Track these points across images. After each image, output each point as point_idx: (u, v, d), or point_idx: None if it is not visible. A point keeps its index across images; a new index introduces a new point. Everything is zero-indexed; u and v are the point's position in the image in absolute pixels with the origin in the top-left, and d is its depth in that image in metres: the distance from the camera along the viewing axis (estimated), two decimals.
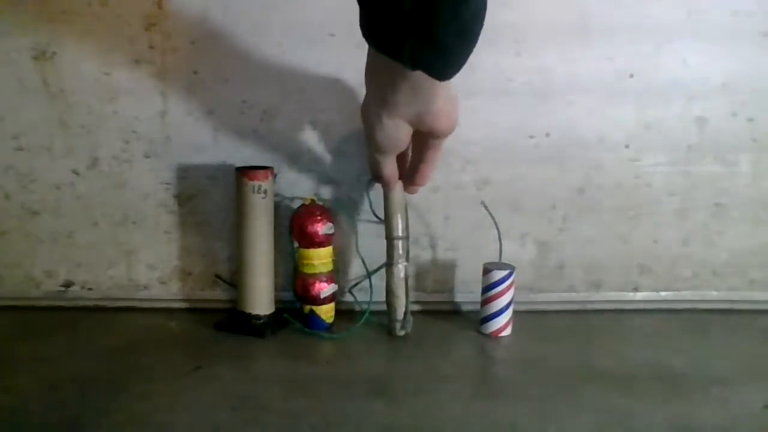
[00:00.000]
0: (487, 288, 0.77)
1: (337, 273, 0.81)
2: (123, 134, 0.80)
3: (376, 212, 0.81)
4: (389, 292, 0.77)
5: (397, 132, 0.66)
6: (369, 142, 0.69)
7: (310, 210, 0.77)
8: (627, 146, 0.82)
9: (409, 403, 0.61)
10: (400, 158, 0.74)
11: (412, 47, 0.53)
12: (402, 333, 0.77)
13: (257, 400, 0.61)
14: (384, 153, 0.70)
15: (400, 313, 0.76)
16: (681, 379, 0.67)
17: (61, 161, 0.81)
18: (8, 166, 0.81)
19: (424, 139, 0.69)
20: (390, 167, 0.72)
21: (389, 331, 0.77)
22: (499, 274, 0.76)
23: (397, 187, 0.76)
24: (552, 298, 0.85)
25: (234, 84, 0.79)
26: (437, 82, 0.57)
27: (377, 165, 0.72)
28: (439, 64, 0.55)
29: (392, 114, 0.64)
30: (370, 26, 0.55)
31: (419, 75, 0.56)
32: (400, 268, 0.77)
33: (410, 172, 0.74)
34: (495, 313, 0.77)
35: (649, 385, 0.65)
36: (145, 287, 0.84)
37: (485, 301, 0.78)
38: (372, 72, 0.63)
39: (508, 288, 0.77)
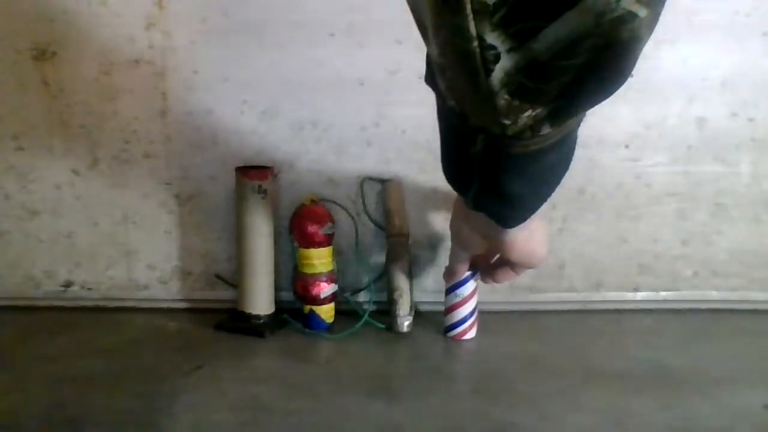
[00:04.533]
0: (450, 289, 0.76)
1: (337, 273, 0.81)
2: (123, 134, 0.80)
3: (372, 214, 0.81)
4: (394, 289, 0.77)
5: (470, 238, 0.63)
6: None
7: (310, 210, 0.77)
8: (627, 146, 0.82)
9: (409, 403, 0.61)
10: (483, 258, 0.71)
11: (476, 193, 0.48)
12: (407, 329, 0.76)
13: (257, 400, 0.61)
14: (456, 248, 0.69)
15: (404, 309, 0.76)
16: (681, 379, 0.67)
17: (61, 161, 0.81)
18: (8, 166, 0.81)
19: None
20: (457, 262, 0.71)
21: (392, 327, 0.76)
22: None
23: (396, 185, 0.76)
24: (552, 298, 0.85)
25: (234, 84, 0.79)
26: None
27: (451, 254, 0.71)
28: (504, 214, 0.52)
29: (467, 223, 0.61)
30: (442, 159, 0.50)
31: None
32: (402, 265, 0.77)
33: (492, 269, 0.69)
34: (460, 320, 0.76)
35: (649, 385, 0.65)
36: (145, 287, 0.84)
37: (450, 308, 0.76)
38: None
39: (471, 294, 0.75)
